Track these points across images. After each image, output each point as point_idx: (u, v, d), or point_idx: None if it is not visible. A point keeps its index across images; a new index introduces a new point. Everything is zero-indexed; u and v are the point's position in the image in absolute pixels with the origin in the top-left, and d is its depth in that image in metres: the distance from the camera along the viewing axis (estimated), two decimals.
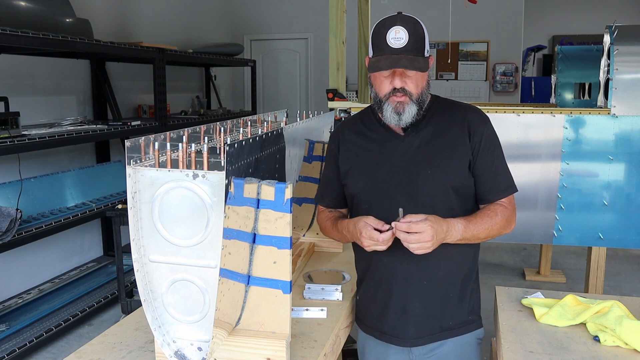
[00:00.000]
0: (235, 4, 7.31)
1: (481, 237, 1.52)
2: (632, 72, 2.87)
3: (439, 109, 1.59)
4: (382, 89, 1.51)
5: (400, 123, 1.51)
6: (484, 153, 1.54)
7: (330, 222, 1.66)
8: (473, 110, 1.60)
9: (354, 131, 1.65)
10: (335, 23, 3.22)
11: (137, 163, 1.15)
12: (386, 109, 1.51)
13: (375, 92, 1.54)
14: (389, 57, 1.45)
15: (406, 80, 1.48)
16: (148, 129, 3.96)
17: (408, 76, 1.47)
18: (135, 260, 1.16)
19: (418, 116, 1.52)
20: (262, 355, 1.21)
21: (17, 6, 3.24)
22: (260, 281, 1.22)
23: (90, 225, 4.23)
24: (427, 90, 1.54)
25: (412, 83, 1.48)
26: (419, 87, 1.50)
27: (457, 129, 1.55)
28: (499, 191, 1.55)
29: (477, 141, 1.53)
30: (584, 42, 6.24)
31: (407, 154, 1.54)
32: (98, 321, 3.55)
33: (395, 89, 1.48)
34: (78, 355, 1.31)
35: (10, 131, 2.89)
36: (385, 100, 1.51)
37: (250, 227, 1.19)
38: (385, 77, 1.49)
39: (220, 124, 1.63)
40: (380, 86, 1.51)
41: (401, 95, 1.48)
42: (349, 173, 1.61)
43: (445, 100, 1.64)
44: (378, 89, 1.53)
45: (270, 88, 7.58)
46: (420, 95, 1.51)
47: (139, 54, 4.04)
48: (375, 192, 1.55)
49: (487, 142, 1.55)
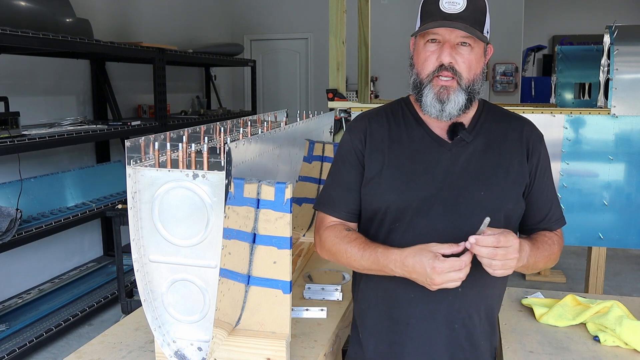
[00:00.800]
0: (235, 4, 7.31)
1: (539, 266, 1.28)
2: (632, 72, 2.87)
3: (491, 116, 1.33)
4: (425, 66, 1.23)
5: (442, 115, 1.24)
6: (541, 177, 1.31)
7: (355, 245, 1.25)
8: (530, 125, 1.35)
9: (384, 126, 1.34)
10: (335, 23, 3.22)
11: (137, 163, 1.15)
12: (427, 94, 1.23)
13: (417, 73, 1.26)
14: (441, 21, 1.19)
15: (457, 57, 1.21)
16: (148, 129, 3.96)
17: (460, 53, 1.21)
18: (135, 260, 1.16)
19: (465, 110, 1.25)
20: (262, 355, 1.21)
21: (17, 6, 3.24)
22: (260, 281, 1.22)
23: (90, 225, 4.23)
24: (480, 79, 1.26)
25: (465, 63, 1.21)
26: (471, 71, 1.23)
27: (514, 145, 1.30)
28: (553, 221, 1.33)
29: (534, 162, 1.30)
30: (584, 42, 6.24)
31: (455, 167, 1.26)
32: (98, 321, 3.55)
33: (442, 65, 1.21)
34: (78, 355, 1.31)
35: (10, 131, 2.89)
36: (427, 83, 1.23)
37: (250, 227, 1.19)
38: (431, 51, 1.22)
39: (220, 124, 1.63)
40: (423, 63, 1.23)
41: (448, 76, 1.21)
42: (375, 180, 1.29)
43: (495, 107, 1.38)
44: (420, 67, 1.24)
45: (270, 88, 7.58)
46: (471, 83, 1.23)
47: (139, 54, 4.04)
48: (410, 211, 1.25)
49: (544, 164, 1.32)
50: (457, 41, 1.21)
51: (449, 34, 1.20)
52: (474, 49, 1.23)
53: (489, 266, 1.10)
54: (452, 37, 1.21)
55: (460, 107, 1.24)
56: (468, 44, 1.21)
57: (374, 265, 1.22)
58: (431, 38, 1.23)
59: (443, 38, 1.22)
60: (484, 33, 1.23)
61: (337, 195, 1.34)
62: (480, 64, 1.26)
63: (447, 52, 1.20)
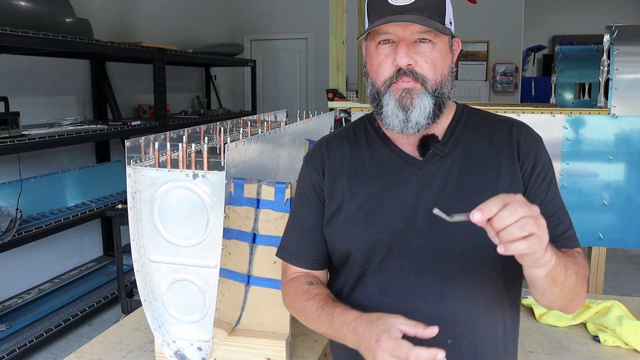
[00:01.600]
0: (235, 4, 7.31)
1: (568, 284, 0.94)
2: (632, 72, 2.87)
3: (471, 123, 1.11)
4: (380, 72, 1.03)
5: (407, 127, 1.02)
6: (537, 184, 1.05)
7: (313, 303, 1.04)
8: (520, 126, 1.11)
9: (343, 149, 1.13)
10: (335, 23, 3.22)
11: (137, 163, 1.15)
12: (387, 102, 1.03)
13: (372, 81, 1.06)
14: (390, 16, 1.00)
15: (417, 57, 1.01)
16: (148, 129, 3.96)
17: (420, 52, 1.01)
18: (135, 260, 1.16)
19: (435, 118, 1.04)
20: (262, 355, 1.21)
21: (17, 6, 3.24)
22: (260, 281, 1.22)
23: (90, 225, 4.23)
24: (448, 80, 1.05)
25: (427, 62, 1.01)
26: (436, 69, 1.02)
27: (501, 153, 1.07)
28: (563, 239, 1.03)
29: (527, 168, 1.06)
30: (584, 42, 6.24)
31: (429, 189, 1.04)
32: (98, 321, 3.55)
33: (400, 70, 1.00)
34: (78, 355, 1.31)
35: (10, 131, 2.89)
36: (385, 91, 1.03)
37: (250, 227, 1.19)
38: (385, 54, 1.02)
39: (220, 124, 1.63)
40: (377, 69, 1.03)
41: (409, 79, 1.01)
42: (336, 216, 1.08)
43: (477, 111, 1.16)
44: (375, 75, 1.04)
45: (270, 88, 7.58)
46: (438, 84, 1.03)
47: (139, 54, 4.04)
48: (381, 247, 1.04)
49: (542, 170, 1.06)
50: (413, 38, 1.01)
51: (402, 30, 1.00)
52: (437, 44, 1.02)
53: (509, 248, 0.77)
54: (406, 34, 1.00)
55: (428, 114, 1.02)
56: (427, 39, 1.01)
57: (329, 329, 1.00)
58: (382, 39, 1.03)
59: (396, 36, 1.01)
60: (446, 24, 1.03)
61: (298, 240, 1.12)
62: (447, 62, 1.05)
63: (402, 52, 0.99)
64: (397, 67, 1.01)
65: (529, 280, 0.93)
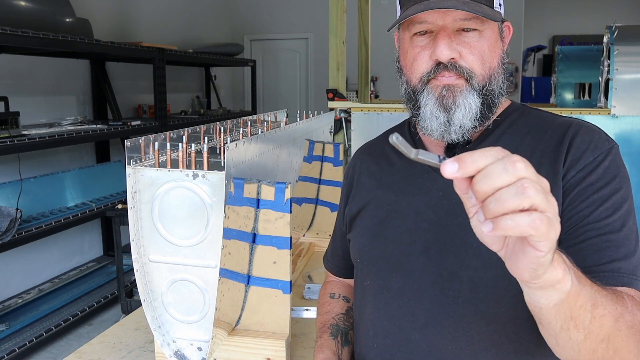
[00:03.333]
0: (235, 4, 7.31)
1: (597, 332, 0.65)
2: (632, 72, 2.87)
3: (517, 126, 0.92)
4: (415, 67, 0.87)
5: (449, 131, 0.86)
6: (583, 196, 0.81)
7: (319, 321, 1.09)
8: (578, 129, 0.88)
9: (378, 155, 1.03)
10: (335, 23, 3.22)
11: (137, 163, 1.15)
12: (425, 102, 0.87)
13: (406, 79, 0.90)
14: (426, 1, 0.83)
15: (461, 49, 0.84)
16: (148, 129, 3.96)
17: (464, 42, 0.84)
18: (135, 260, 1.16)
19: (482, 121, 0.86)
20: (262, 355, 1.21)
21: (17, 6, 3.24)
22: (260, 281, 1.22)
23: (90, 225, 4.23)
24: (499, 74, 0.88)
25: (473, 54, 0.84)
26: (484, 62, 0.85)
27: (542, 160, 0.85)
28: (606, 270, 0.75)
29: (575, 176, 0.82)
30: (584, 42, 6.24)
31: (447, 200, 0.89)
32: (98, 321, 3.55)
33: (439, 64, 0.85)
34: (78, 355, 1.31)
35: (10, 131, 2.89)
36: (422, 88, 0.87)
37: (250, 227, 1.19)
38: (422, 47, 0.86)
39: (220, 124, 1.63)
40: (412, 64, 0.87)
41: (451, 74, 0.85)
42: (355, 223, 1.01)
43: (533, 112, 0.95)
44: (409, 71, 0.88)
45: (270, 88, 7.58)
46: (486, 80, 0.86)
47: (139, 54, 4.04)
48: (382, 262, 0.92)
49: (598, 180, 0.82)
50: (455, 26, 0.84)
51: (442, 18, 0.84)
52: (484, 32, 0.85)
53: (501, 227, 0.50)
54: (447, 22, 0.84)
55: (475, 115, 0.85)
56: (472, 28, 0.85)
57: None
58: (418, 31, 0.87)
59: (435, 25, 0.85)
60: (495, 6, 0.86)
61: (332, 244, 1.11)
62: (497, 52, 0.87)
63: (443, 44, 0.83)
64: (436, 61, 0.85)
65: (534, 315, 0.66)
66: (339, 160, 1.98)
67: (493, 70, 0.87)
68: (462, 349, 0.84)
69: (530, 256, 0.52)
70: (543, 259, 0.53)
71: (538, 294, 0.59)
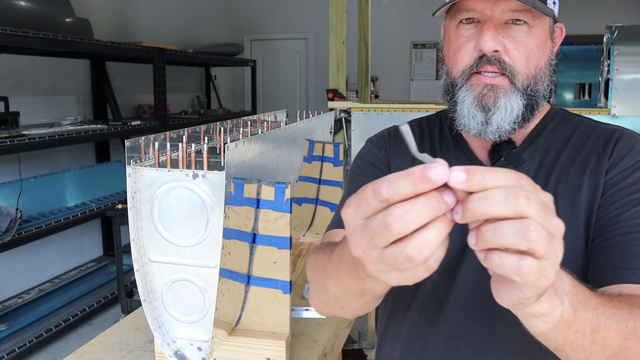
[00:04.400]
0: (235, 4, 7.31)
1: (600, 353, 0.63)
2: (632, 72, 2.87)
3: (560, 131, 0.90)
4: (458, 58, 0.84)
5: (486, 131, 0.83)
6: (619, 196, 0.81)
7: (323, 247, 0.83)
8: (621, 134, 0.88)
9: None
10: (335, 23, 3.22)
11: (137, 163, 1.15)
12: (463, 99, 0.84)
13: (448, 69, 0.87)
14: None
15: (507, 42, 0.80)
16: (148, 129, 3.96)
17: (511, 36, 0.81)
18: (135, 260, 1.16)
19: (522, 123, 0.84)
20: (262, 355, 1.21)
21: (17, 6, 3.24)
22: (260, 281, 1.22)
23: (90, 225, 4.23)
24: (545, 75, 0.85)
25: (519, 50, 0.81)
26: (530, 60, 0.82)
27: (585, 163, 0.85)
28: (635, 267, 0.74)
29: (613, 178, 0.82)
30: (584, 42, 6.23)
31: None
32: (98, 321, 3.55)
33: (483, 57, 0.81)
34: (78, 355, 1.31)
35: (10, 131, 2.89)
36: (463, 83, 0.84)
37: (250, 227, 1.19)
38: (467, 37, 0.83)
39: (220, 124, 1.63)
40: (455, 54, 0.84)
41: (494, 71, 0.81)
42: None
43: (575, 117, 0.94)
44: (452, 61, 0.85)
45: (270, 88, 7.58)
46: (530, 79, 0.83)
47: (139, 54, 4.04)
48: None
49: (636, 183, 0.81)
50: (504, 18, 0.80)
51: (491, 7, 0.79)
52: (534, 28, 0.81)
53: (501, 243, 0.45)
54: (496, 12, 0.80)
55: (515, 119, 0.82)
56: (523, 21, 0.81)
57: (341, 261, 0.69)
58: (465, 17, 0.83)
59: (482, 15, 0.81)
60: (549, 3, 0.82)
61: None
62: (545, 52, 0.84)
63: (489, 35, 0.79)
64: (480, 52, 0.81)
65: None
66: (339, 160, 1.98)
67: (540, 69, 0.83)
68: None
69: (511, 293, 0.49)
70: (525, 300, 0.49)
71: (522, 319, 0.56)
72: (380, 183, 0.45)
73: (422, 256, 0.45)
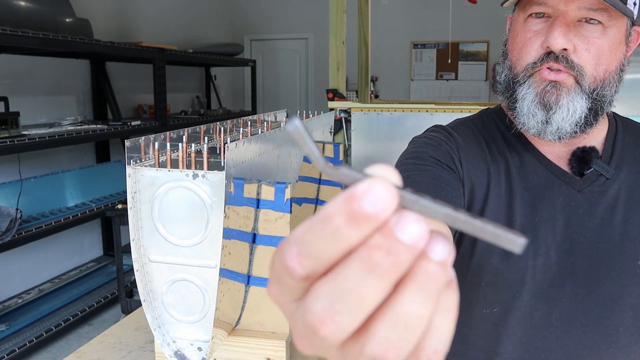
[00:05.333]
0: (235, 4, 7.32)
1: None
2: (632, 72, 2.87)
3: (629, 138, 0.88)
4: (523, 53, 0.79)
5: (546, 131, 0.78)
6: None
7: None
8: None
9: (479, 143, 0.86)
10: (335, 23, 3.22)
11: (137, 163, 1.15)
12: (523, 96, 0.78)
13: (510, 65, 0.82)
14: None
15: (577, 41, 0.75)
16: (148, 129, 3.96)
17: (583, 35, 0.75)
18: (135, 260, 1.16)
19: (587, 127, 0.79)
20: (262, 355, 1.21)
21: (17, 6, 3.24)
22: (260, 281, 1.22)
23: (90, 225, 4.23)
24: (614, 80, 0.81)
25: (589, 51, 0.75)
26: (600, 63, 0.77)
27: None
28: None
29: None
30: None
31: (592, 220, 0.80)
32: (98, 321, 3.55)
33: (550, 54, 0.76)
34: (78, 355, 1.31)
35: (10, 131, 2.89)
36: (525, 77, 0.78)
37: (250, 227, 1.19)
38: (535, 32, 0.78)
39: (220, 124, 1.63)
40: (521, 50, 0.79)
41: (560, 67, 0.75)
42: None
43: (629, 120, 0.95)
44: (516, 56, 0.80)
45: (270, 88, 7.58)
46: (598, 83, 0.78)
47: (139, 54, 4.04)
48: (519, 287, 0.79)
49: None
50: (578, 15, 0.75)
51: (565, 2, 0.74)
52: (609, 29, 0.76)
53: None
54: (570, 9, 0.74)
55: (578, 121, 0.77)
56: (598, 20, 0.75)
57: None
58: (536, 11, 0.78)
59: (555, 10, 0.75)
60: (629, 3, 0.75)
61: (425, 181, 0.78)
62: (617, 56, 0.79)
63: (559, 31, 0.73)
64: (547, 49, 0.76)
65: None
66: (339, 160, 1.98)
67: (609, 74, 0.79)
68: None
69: None
70: None
71: None
72: (286, 250, 0.26)
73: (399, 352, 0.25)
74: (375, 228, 0.24)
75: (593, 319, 0.78)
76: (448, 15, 5.11)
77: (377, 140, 3.07)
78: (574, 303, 0.78)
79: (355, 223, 0.24)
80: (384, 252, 0.24)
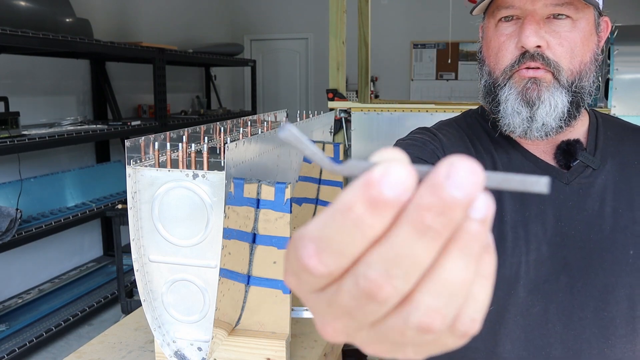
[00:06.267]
0: (235, 4, 7.32)
1: None
2: (632, 72, 2.87)
3: (611, 132, 0.88)
4: (500, 57, 0.81)
5: (531, 128, 0.79)
6: None
7: None
8: None
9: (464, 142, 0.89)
10: (335, 23, 3.22)
11: (137, 163, 1.14)
12: (506, 97, 0.80)
13: (488, 71, 0.84)
14: None
15: (549, 37, 0.77)
16: (148, 129, 3.96)
17: (554, 30, 0.78)
18: (135, 260, 1.16)
19: (570, 121, 0.80)
20: (262, 355, 1.21)
21: (17, 6, 3.24)
22: (260, 281, 1.22)
23: (90, 225, 4.23)
24: (590, 71, 0.81)
25: (562, 45, 0.77)
26: (574, 56, 0.78)
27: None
28: None
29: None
30: None
31: (582, 211, 0.81)
32: (98, 321, 3.55)
33: (525, 53, 0.78)
34: (78, 355, 1.31)
35: (10, 131, 2.89)
36: (505, 80, 0.80)
37: (250, 227, 1.19)
38: (507, 35, 0.80)
39: (220, 124, 1.63)
40: (497, 54, 0.81)
41: (538, 65, 0.78)
42: None
43: (612, 118, 0.94)
44: (493, 61, 0.82)
45: (270, 88, 7.58)
46: (575, 75, 0.79)
47: (139, 54, 4.04)
48: (513, 282, 0.80)
49: None
50: (546, 12, 0.77)
51: (531, 2, 0.77)
52: (578, 22, 0.78)
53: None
54: (537, 7, 0.77)
55: (561, 115, 0.78)
56: (566, 15, 0.78)
57: None
58: (504, 16, 0.80)
59: (523, 10, 0.78)
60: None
61: None
62: (590, 46, 0.80)
63: (530, 30, 0.75)
64: (522, 49, 0.78)
65: None
66: (339, 160, 1.98)
67: (585, 65, 0.80)
68: None
69: None
70: None
71: None
72: (302, 248, 0.25)
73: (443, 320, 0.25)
74: (397, 213, 0.24)
75: (590, 312, 0.79)
76: (448, 15, 5.10)
77: (377, 140, 3.07)
78: (570, 297, 0.79)
79: (377, 210, 0.23)
80: (434, 213, 0.23)
